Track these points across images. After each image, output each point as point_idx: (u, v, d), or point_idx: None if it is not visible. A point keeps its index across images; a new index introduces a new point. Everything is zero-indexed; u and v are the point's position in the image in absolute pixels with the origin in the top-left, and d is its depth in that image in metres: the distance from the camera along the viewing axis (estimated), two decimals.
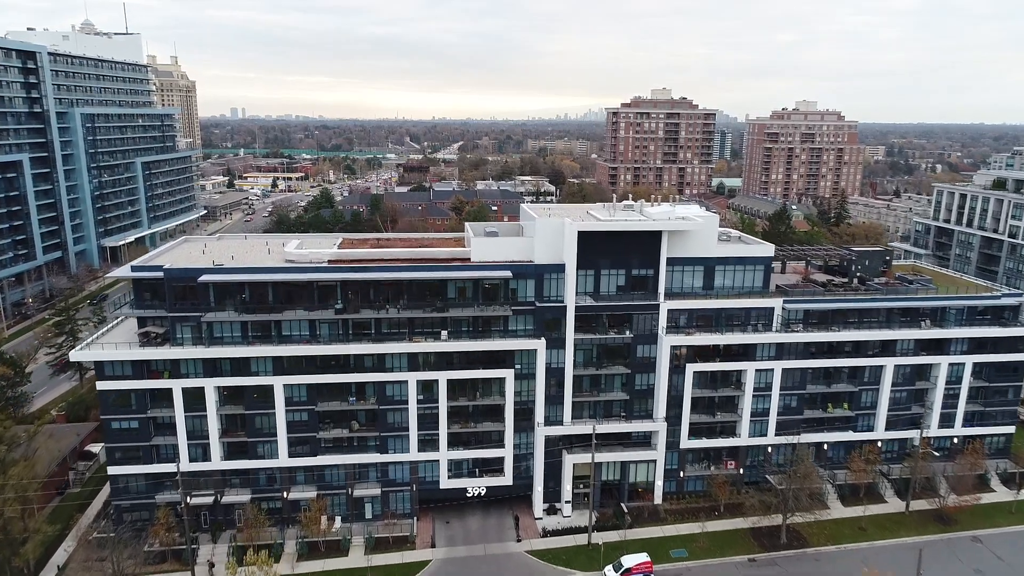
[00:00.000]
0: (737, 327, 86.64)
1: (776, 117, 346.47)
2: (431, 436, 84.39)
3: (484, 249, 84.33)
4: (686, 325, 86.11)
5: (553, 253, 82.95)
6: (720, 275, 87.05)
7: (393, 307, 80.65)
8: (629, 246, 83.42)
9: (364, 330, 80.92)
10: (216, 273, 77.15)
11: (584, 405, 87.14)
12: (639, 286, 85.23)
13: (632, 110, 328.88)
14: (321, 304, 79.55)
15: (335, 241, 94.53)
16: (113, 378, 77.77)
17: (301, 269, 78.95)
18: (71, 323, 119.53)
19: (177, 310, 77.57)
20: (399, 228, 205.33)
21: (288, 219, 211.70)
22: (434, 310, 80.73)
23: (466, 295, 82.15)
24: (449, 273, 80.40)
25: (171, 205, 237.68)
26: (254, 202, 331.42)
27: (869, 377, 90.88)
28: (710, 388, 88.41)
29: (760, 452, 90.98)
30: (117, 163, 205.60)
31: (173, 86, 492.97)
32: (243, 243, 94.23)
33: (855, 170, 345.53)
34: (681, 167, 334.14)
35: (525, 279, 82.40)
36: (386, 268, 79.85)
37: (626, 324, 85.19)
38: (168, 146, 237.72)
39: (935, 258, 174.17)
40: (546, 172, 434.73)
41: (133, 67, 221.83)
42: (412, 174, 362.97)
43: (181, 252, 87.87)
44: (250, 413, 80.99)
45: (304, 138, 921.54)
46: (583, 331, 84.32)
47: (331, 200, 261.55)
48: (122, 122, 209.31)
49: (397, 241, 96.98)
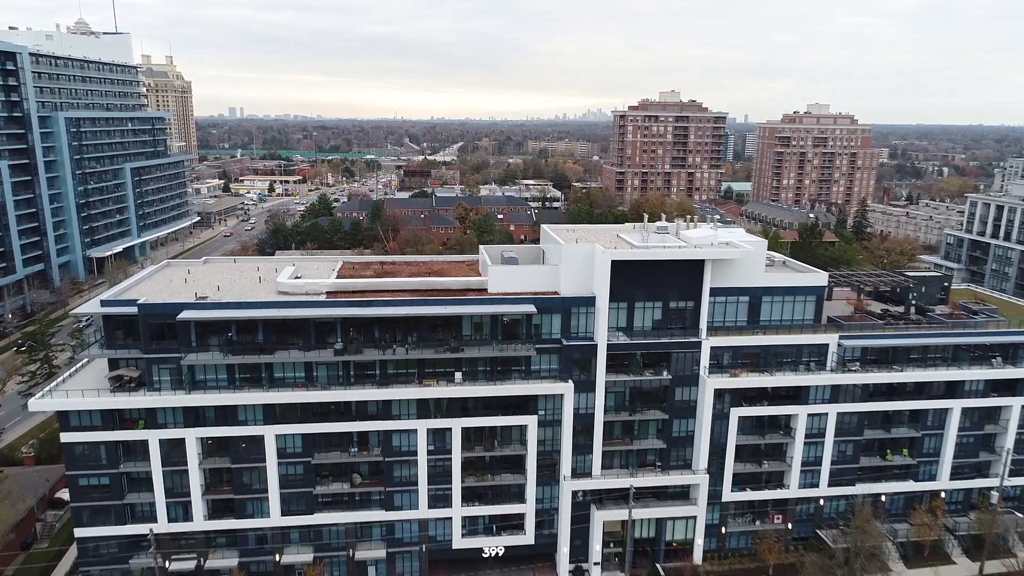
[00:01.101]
0: (787, 365, 76.99)
1: (787, 120, 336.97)
2: (443, 490, 74.61)
3: (503, 278, 74.56)
4: (730, 364, 76.40)
5: (581, 284, 73.23)
6: (767, 307, 77.34)
7: (400, 346, 70.79)
8: (667, 276, 73.72)
9: (367, 371, 71.15)
10: (198, 309, 67.27)
11: (615, 454, 77.39)
12: (677, 319, 75.52)
13: (640, 113, 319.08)
14: (319, 343, 69.74)
15: (334, 266, 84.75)
16: (80, 428, 67.95)
17: (296, 304, 69.07)
18: (45, 348, 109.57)
19: (154, 350, 67.71)
20: (401, 238, 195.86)
21: (284, 228, 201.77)
22: (447, 349, 70.85)
23: (483, 332, 72.30)
24: (464, 308, 70.48)
25: (162, 212, 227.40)
26: (250, 207, 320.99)
27: (933, 421, 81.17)
28: (756, 434, 78.67)
29: (811, 505, 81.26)
30: (104, 169, 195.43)
31: (168, 87, 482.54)
32: (231, 268, 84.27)
33: (868, 175, 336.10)
34: (690, 172, 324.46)
35: (550, 314, 72.62)
36: (392, 302, 69.99)
37: (663, 364, 75.44)
38: (159, 150, 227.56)
39: (969, 273, 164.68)
40: (549, 176, 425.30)
41: (122, 68, 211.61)
42: (413, 178, 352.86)
43: (161, 281, 77.90)
44: (237, 467, 71.22)
45: (302, 139, 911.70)
46: (615, 371, 74.57)
47: (329, 207, 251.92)
48: (110, 126, 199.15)
49: (403, 266, 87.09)
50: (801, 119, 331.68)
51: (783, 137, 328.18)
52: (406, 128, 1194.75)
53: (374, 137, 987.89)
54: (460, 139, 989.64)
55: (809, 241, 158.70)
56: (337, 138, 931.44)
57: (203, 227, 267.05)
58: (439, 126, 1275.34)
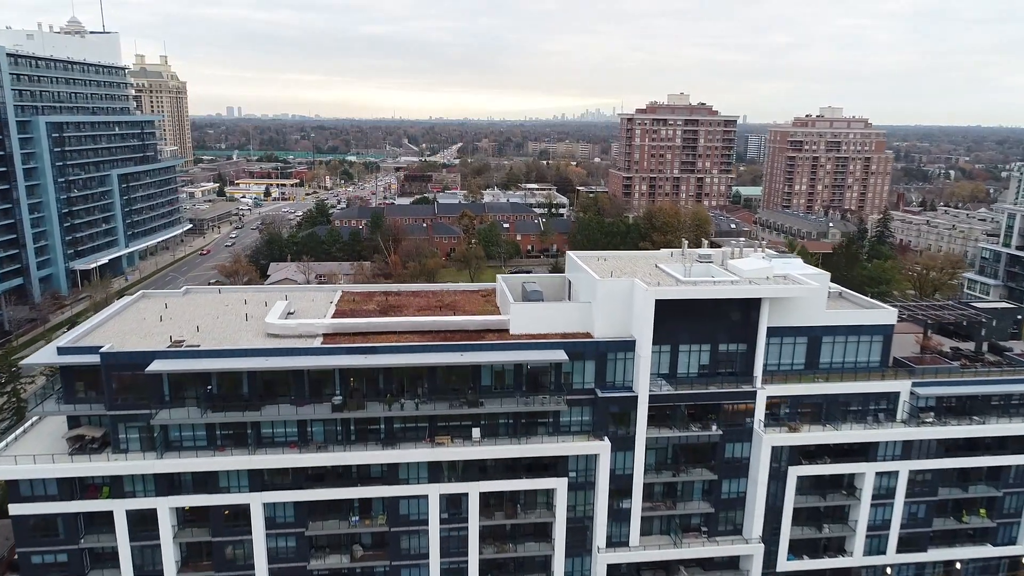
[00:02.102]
0: (852, 415, 67.10)
1: (799, 124, 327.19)
2: (458, 564, 64.57)
3: (527, 318, 64.52)
4: (788, 416, 66.49)
5: (618, 324, 63.23)
6: (827, 348, 67.45)
7: (409, 399, 60.72)
8: (717, 315, 63.81)
9: (371, 426, 61.08)
10: (172, 358, 57.14)
11: (655, 520, 67.37)
12: (726, 363, 65.59)
13: (648, 116, 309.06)
14: (314, 396, 59.70)
15: (331, 297, 74.68)
16: (32, 499, 57.76)
17: (287, 351, 58.91)
18: (12, 380, 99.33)
19: (120, 406, 57.62)
20: (402, 249, 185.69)
21: (279, 238, 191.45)
22: (463, 403, 60.79)
23: (505, 381, 62.27)
24: (485, 356, 60.33)
25: (152, 220, 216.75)
26: (245, 213, 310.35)
27: (1015, 478, 71.28)
28: (815, 495, 68.75)
29: (878, 574, 71.28)
30: (89, 176, 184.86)
31: (163, 87, 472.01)
32: (215, 301, 74.02)
33: (882, 180, 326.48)
34: (699, 177, 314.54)
35: (583, 360, 62.57)
36: (400, 349, 59.89)
37: (712, 416, 65.43)
38: (149, 155, 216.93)
39: (1007, 289, 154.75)
40: (553, 179, 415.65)
41: (109, 69, 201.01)
42: (413, 183, 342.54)
43: (132, 318, 67.66)
44: (219, 540, 61.09)
45: (300, 139, 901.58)
46: (657, 425, 64.55)
47: (327, 214, 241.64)
48: (95, 130, 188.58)
49: (409, 297, 76.87)
50: (814, 122, 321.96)
51: (795, 141, 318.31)
52: (404, 128, 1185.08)
53: (372, 138, 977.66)
54: (459, 140, 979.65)
55: (850, 257, 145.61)
56: (335, 139, 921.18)
57: (195, 234, 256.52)
58: (437, 126, 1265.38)
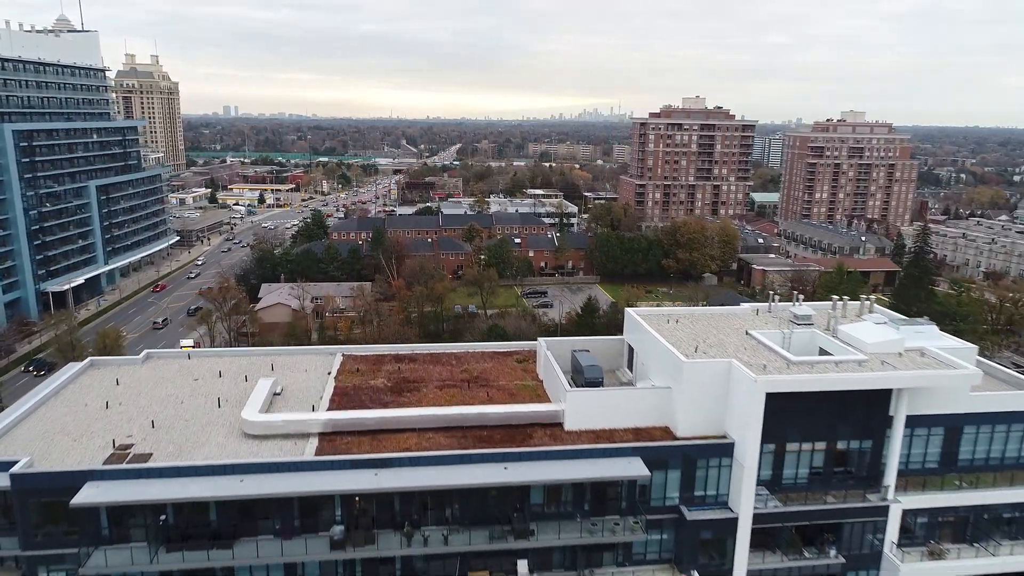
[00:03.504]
0: (1008, 529, 51.78)
1: (820, 129, 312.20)
2: None
3: (586, 409, 49.08)
4: (924, 534, 51.11)
5: (709, 419, 47.89)
6: (969, 440, 52.10)
7: (434, 527, 45.17)
8: (835, 404, 48.39)
9: (383, 565, 45.52)
10: (110, 480, 41.54)
11: None
12: (842, 462, 50.22)
13: (663, 120, 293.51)
14: (307, 523, 44.13)
15: (331, 365, 59.18)
16: None
17: (269, 467, 43.23)
18: None
19: (40, 544, 42.00)
20: (406, 268, 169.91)
21: (272, 256, 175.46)
22: (508, 532, 45.26)
23: (561, 498, 46.78)
24: (536, 469, 44.82)
25: (135, 234, 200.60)
26: (237, 223, 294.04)
27: None
28: None
29: None
30: (64, 188, 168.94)
31: (153, 87, 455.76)
32: (181, 372, 58.29)
33: (907, 188, 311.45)
34: (716, 184, 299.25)
35: (665, 470, 47.11)
36: (421, 460, 44.32)
37: (829, 537, 49.98)
38: (131, 164, 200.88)
39: None
40: (558, 184, 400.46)
41: (87, 71, 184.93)
42: (415, 191, 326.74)
43: (71, 402, 51.94)
44: None
45: (296, 140, 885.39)
46: (758, 549, 49.10)
47: (324, 226, 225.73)
48: (70, 138, 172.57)
49: (427, 364, 61.13)
50: (835, 127, 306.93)
51: (816, 147, 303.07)
52: (402, 128, 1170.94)
53: (370, 138, 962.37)
54: (458, 140, 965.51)
55: (920, 284, 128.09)
56: (332, 139, 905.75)
57: (183, 247, 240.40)
58: (436, 127, 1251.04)
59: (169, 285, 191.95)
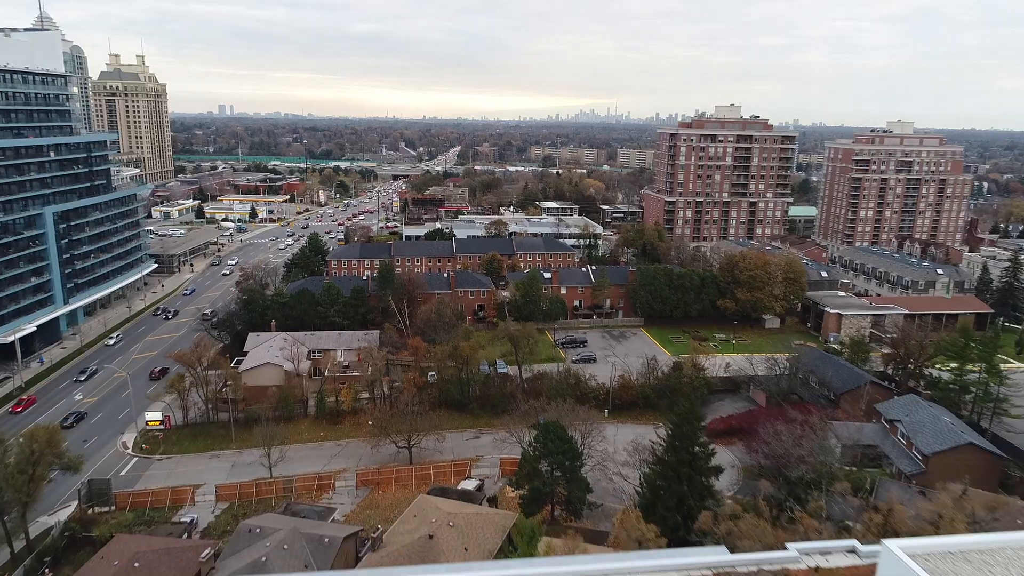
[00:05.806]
0: None
1: (865, 141, 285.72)
2: None
3: None
4: None
5: None
6: None
7: None
8: None
9: None
10: None
11: None
12: None
13: (695, 131, 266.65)
14: None
15: None
16: None
17: None
18: None
19: None
20: (421, 314, 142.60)
21: (261, 298, 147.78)
22: None
23: None
24: None
25: (102, 265, 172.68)
26: (225, 243, 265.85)
27: None
28: None
29: None
30: (11, 218, 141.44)
31: (139, 89, 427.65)
32: None
33: (958, 205, 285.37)
34: (752, 201, 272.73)
35: None
36: None
37: None
38: (99, 184, 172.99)
39: None
40: (571, 195, 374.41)
41: (43, 78, 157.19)
42: (421, 208, 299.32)
43: None
44: None
45: (292, 142, 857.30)
46: None
47: (322, 251, 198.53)
48: (20, 157, 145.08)
49: None
50: (882, 139, 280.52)
51: (861, 161, 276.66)
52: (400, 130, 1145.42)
53: (367, 140, 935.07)
54: (457, 142, 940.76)
55: None
56: (329, 141, 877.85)
57: (163, 274, 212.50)
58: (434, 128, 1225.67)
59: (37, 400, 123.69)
